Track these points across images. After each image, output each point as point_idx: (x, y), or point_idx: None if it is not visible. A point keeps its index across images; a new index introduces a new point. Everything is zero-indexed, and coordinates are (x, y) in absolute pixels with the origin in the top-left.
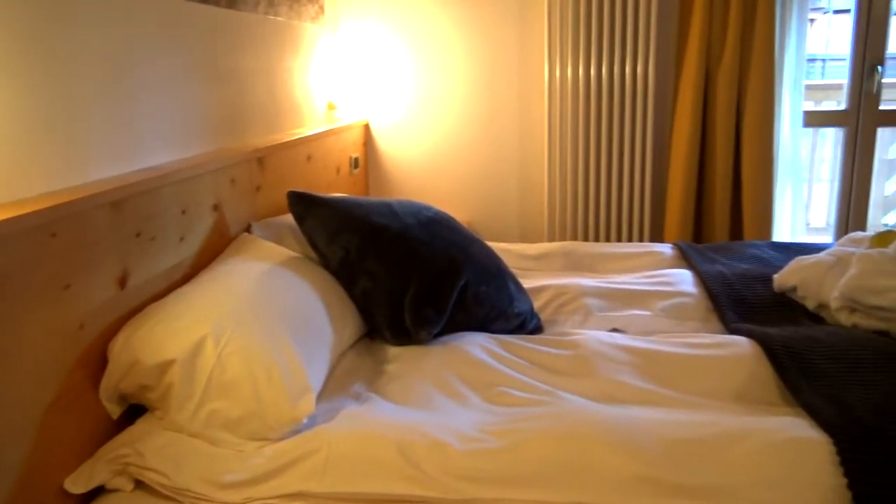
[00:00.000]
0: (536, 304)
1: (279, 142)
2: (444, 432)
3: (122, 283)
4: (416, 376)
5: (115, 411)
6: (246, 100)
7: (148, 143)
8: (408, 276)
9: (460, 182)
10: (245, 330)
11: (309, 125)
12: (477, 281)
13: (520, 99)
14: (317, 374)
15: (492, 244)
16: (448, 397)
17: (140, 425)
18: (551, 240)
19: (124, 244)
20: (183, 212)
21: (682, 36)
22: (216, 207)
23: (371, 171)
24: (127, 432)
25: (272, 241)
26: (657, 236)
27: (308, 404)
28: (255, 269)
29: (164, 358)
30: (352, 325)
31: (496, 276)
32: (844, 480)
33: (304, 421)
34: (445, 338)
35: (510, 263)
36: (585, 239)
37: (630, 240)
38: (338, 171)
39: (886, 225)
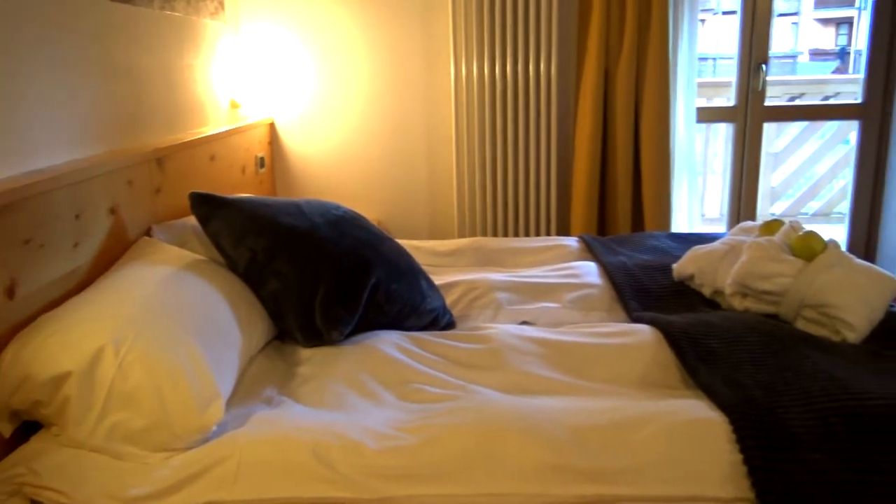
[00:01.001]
0: (448, 300)
1: (180, 141)
2: (359, 432)
3: (10, 293)
4: (329, 377)
5: (6, 429)
6: (144, 98)
7: (37, 143)
8: (317, 276)
9: (369, 180)
10: (147, 337)
11: (212, 124)
12: (388, 279)
13: (426, 96)
14: (226, 380)
15: (402, 242)
16: (362, 397)
17: (35, 443)
18: (461, 236)
19: (11, 252)
20: (77, 216)
21: (582, 36)
22: (113, 211)
23: (278, 171)
24: (20, 451)
25: (175, 245)
26: (564, 230)
27: (217, 411)
28: (156, 274)
29: (58, 371)
30: (261, 327)
31: (407, 273)
32: (741, 456)
33: (214, 428)
34: (358, 337)
35: (421, 260)
36: (495, 234)
37: (538, 234)
38: (243, 170)
39: (773, 214)
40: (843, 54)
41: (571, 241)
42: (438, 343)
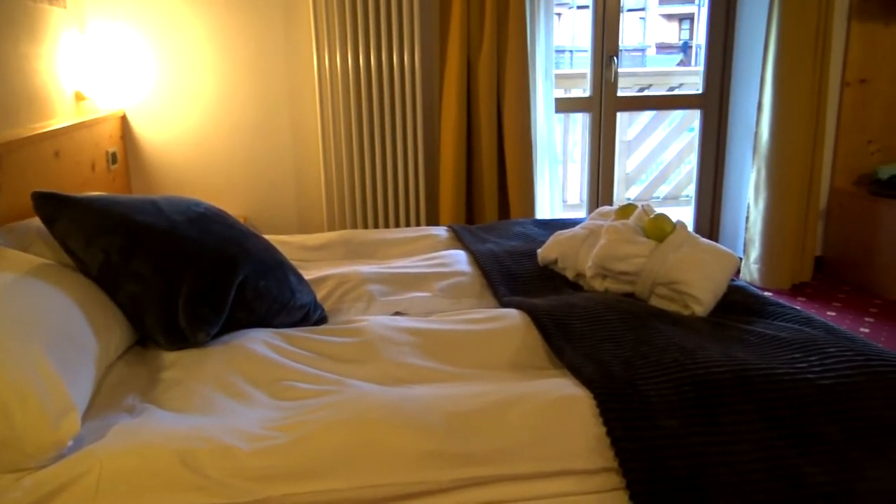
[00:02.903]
0: (319, 295)
1: (18, 137)
2: (230, 435)
3: None
4: (196, 380)
5: None
6: None
7: None
8: (179, 276)
9: (233, 176)
10: None
11: (57, 118)
12: (255, 276)
13: (290, 88)
14: (81, 391)
15: (270, 237)
16: (232, 398)
17: None
18: (331, 229)
19: None
20: None
21: (444, 28)
22: None
23: (132, 167)
24: None
25: (16, 249)
26: (433, 220)
27: (72, 424)
28: None
29: None
30: (119, 332)
31: (275, 269)
32: (604, 428)
33: (69, 443)
34: (225, 337)
35: (290, 255)
36: (365, 226)
37: (407, 225)
38: (93, 167)
39: (629, 199)
40: (685, 48)
41: (440, 231)
42: (310, 338)
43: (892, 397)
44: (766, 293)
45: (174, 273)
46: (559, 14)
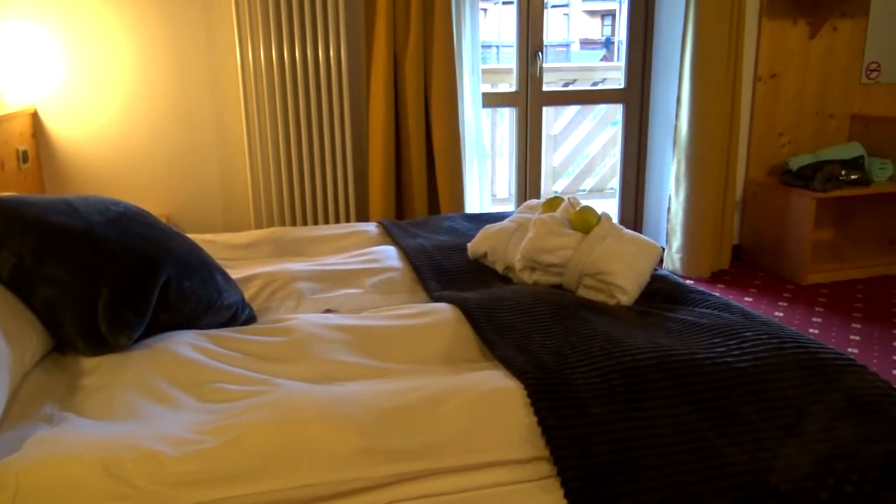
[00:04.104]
0: (247, 294)
1: None
2: (155, 441)
3: None
4: (119, 386)
5: None
6: None
7: None
8: (99, 278)
9: (153, 174)
10: None
11: None
12: (179, 276)
13: (212, 83)
14: None
15: (195, 236)
16: (157, 403)
17: None
18: (258, 227)
19: None
20: None
21: (370, 22)
22: None
23: (45, 166)
24: None
25: None
26: (362, 216)
27: None
28: None
29: None
30: (35, 339)
31: (201, 269)
32: (535, 418)
33: None
34: (149, 340)
35: (216, 255)
36: (293, 224)
37: (337, 221)
38: (2, 166)
39: (556, 192)
40: (608, 43)
41: (370, 227)
42: (238, 339)
43: (803, 377)
44: (687, 281)
45: (93, 275)
46: (485, 9)
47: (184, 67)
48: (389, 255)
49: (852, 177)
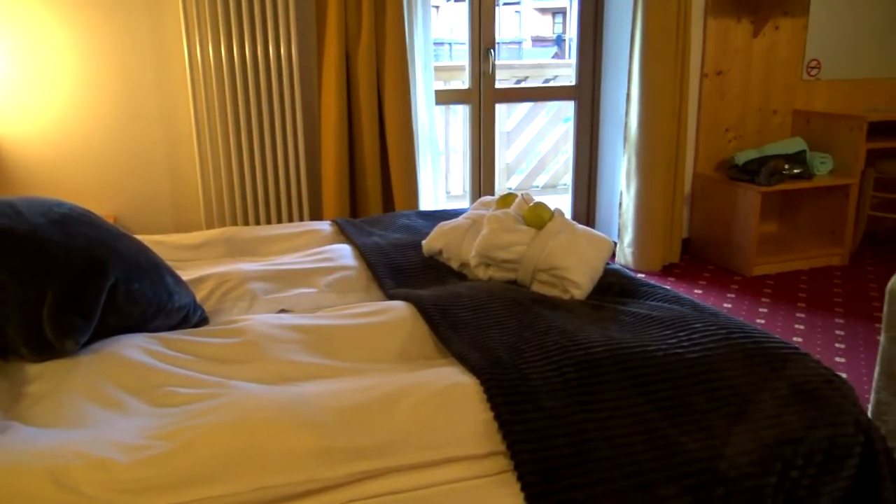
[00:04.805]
0: (199, 295)
1: None
2: (105, 447)
3: None
4: (66, 392)
5: None
6: None
7: None
8: (43, 282)
9: (99, 174)
10: None
11: None
12: (127, 278)
13: (160, 81)
14: None
15: (143, 237)
16: (106, 409)
17: None
18: (209, 227)
19: None
20: None
21: (321, 19)
22: None
23: None
24: None
25: None
26: (316, 214)
27: None
28: None
29: None
30: None
31: (150, 270)
32: (492, 413)
33: None
34: (97, 345)
35: (166, 256)
36: (245, 223)
37: (290, 220)
38: None
39: (510, 188)
40: (559, 41)
41: (324, 226)
42: (190, 341)
43: (750, 366)
44: (639, 275)
45: (37, 279)
46: (437, 7)
47: (129, 65)
48: (344, 253)
49: (795, 171)
